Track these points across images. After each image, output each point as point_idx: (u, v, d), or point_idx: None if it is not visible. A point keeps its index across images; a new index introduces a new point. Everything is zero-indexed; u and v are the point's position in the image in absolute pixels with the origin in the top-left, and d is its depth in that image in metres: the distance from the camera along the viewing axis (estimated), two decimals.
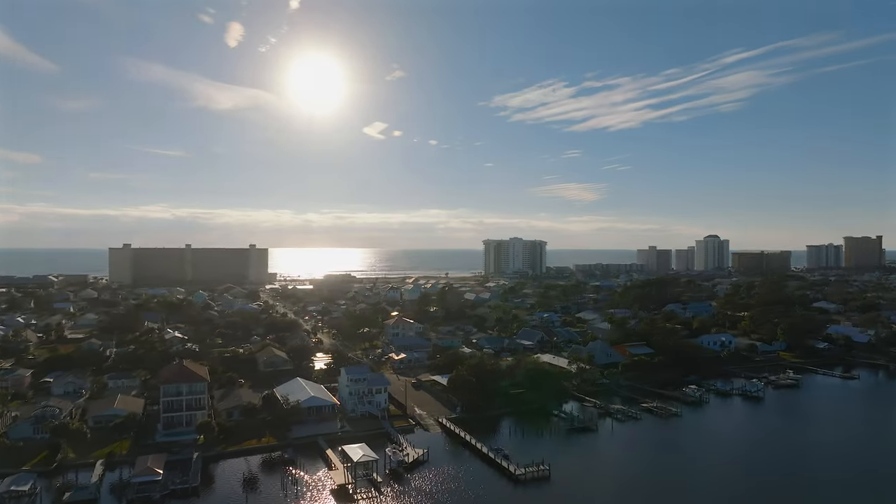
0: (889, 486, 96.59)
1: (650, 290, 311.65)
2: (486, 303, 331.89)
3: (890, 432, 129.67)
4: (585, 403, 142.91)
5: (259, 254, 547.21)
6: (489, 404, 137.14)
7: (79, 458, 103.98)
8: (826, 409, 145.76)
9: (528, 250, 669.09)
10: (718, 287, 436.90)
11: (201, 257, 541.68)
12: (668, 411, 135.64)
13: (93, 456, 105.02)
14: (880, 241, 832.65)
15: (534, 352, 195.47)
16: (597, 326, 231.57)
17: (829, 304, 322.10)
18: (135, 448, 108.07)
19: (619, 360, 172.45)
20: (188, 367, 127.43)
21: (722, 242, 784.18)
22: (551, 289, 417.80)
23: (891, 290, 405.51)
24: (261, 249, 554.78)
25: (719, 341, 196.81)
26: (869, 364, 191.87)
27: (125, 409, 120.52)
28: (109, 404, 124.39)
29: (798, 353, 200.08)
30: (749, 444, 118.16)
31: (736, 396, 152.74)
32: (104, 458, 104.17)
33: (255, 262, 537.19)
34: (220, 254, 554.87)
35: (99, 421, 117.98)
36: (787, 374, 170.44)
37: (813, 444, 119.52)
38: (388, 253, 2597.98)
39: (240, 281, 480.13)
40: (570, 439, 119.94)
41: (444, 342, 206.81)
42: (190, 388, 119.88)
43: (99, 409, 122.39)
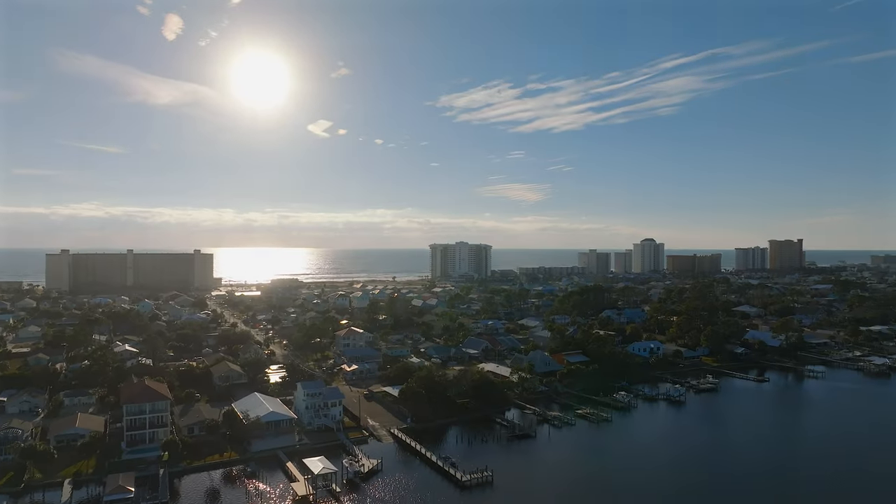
0: (796, 485, 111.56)
1: (588, 297, 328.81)
2: (433, 309, 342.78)
3: (794, 434, 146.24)
4: (526, 411, 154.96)
5: (204, 259, 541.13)
6: (437, 414, 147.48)
7: (45, 479, 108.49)
8: (739, 412, 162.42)
9: (474, 254, 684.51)
10: (653, 291, 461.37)
11: (143, 263, 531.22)
12: (601, 417, 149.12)
13: (59, 476, 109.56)
14: (801, 245, 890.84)
15: (479, 360, 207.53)
16: (538, 334, 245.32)
17: (751, 308, 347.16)
18: (101, 467, 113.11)
19: (558, 369, 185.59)
20: (151, 385, 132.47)
21: (657, 246, 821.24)
22: (496, 293, 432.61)
23: (804, 294, 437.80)
24: (206, 254, 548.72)
25: (648, 348, 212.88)
26: (780, 367, 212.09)
27: (87, 428, 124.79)
28: (71, 423, 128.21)
29: (718, 357, 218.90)
30: (671, 447, 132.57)
31: (661, 401, 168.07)
32: (71, 477, 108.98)
33: (199, 268, 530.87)
34: (163, 259, 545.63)
35: (61, 440, 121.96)
36: (707, 379, 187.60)
37: (727, 445, 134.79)
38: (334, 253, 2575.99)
39: (184, 287, 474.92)
40: (512, 446, 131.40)
41: (393, 352, 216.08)
42: (153, 406, 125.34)
43: (60, 429, 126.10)
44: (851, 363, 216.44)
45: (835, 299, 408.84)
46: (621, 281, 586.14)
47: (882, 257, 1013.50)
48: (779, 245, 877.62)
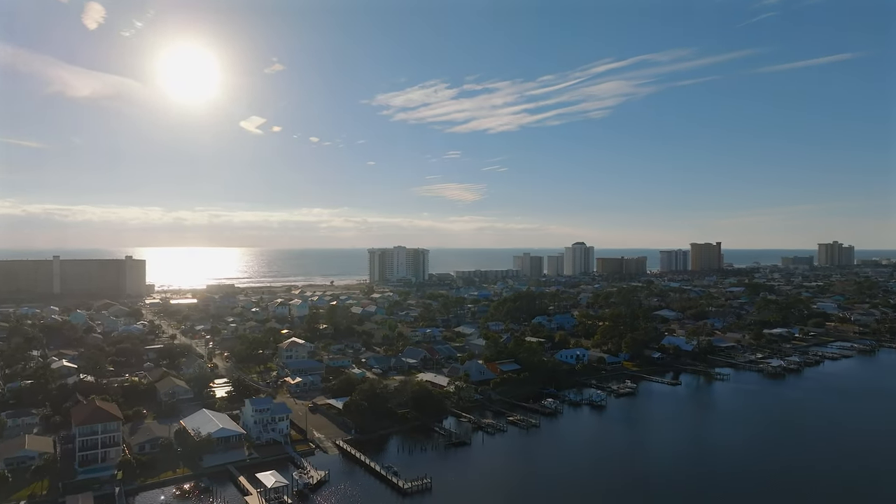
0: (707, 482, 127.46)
1: (521, 304, 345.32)
2: (373, 317, 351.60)
3: (701, 434, 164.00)
4: (462, 419, 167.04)
5: (136, 265, 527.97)
6: (380, 424, 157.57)
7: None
8: (654, 414, 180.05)
9: (412, 258, 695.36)
10: (582, 295, 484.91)
11: (71, 269, 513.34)
12: (530, 423, 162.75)
13: (13, 498, 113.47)
14: (719, 247, 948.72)
15: (418, 370, 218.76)
16: (474, 342, 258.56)
17: (671, 312, 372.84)
18: (55, 488, 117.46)
19: (492, 378, 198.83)
20: (102, 406, 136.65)
21: (588, 249, 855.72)
22: (434, 298, 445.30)
23: (718, 297, 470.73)
24: (138, 260, 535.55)
25: (575, 355, 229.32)
26: (692, 370, 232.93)
27: (37, 450, 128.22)
28: (19, 445, 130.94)
29: (638, 362, 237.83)
30: (592, 450, 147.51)
31: (585, 406, 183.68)
32: (25, 499, 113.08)
33: (131, 275, 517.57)
34: (92, 265, 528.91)
35: (11, 463, 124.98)
36: (626, 384, 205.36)
37: (643, 446, 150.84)
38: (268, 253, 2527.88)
39: (115, 295, 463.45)
40: (449, 453, 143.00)
41: (335, 362, 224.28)
42: (105, 427, 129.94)
43: (10, 451, 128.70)
44: (753, 365, 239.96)
45: (745, 302, 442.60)
46: (553, 284, 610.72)
47: (791, 258, 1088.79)
48: (699, 248, 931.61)
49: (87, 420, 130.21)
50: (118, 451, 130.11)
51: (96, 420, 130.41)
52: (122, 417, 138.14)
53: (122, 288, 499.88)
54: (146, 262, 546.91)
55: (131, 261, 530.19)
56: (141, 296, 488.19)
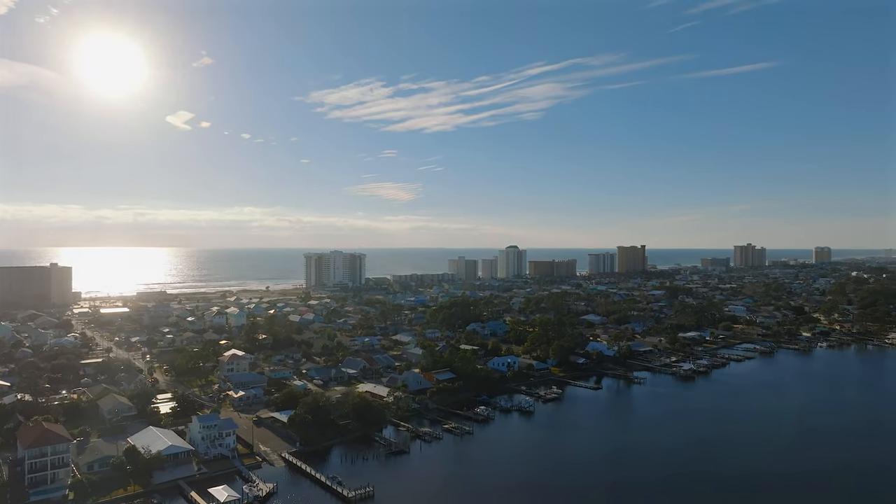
0: (622, 483, 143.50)
1: (455, 311, 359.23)
2: (311, 325, 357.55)
3: (617, 437, 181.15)
4: (400, 428, 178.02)
5: (62, 273, 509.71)
6: (323, 436, 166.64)
7: None
8: (576, 418, 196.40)
9: (349, 263, 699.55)
10: (514, 300, 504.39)
11: None
12: (464, 430, 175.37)
13: None
14: (644, 250, 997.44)
15: (358, 380, 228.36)
16: (411, 351, 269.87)
17: (596, 317, 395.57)
18: None
19: (429, 387, 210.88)
20: (50, 428, 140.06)
21: (520, 252, 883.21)
22: (372, 305, 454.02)
23: (640, 300, 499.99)
24: (64, 267, 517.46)
25: (506, 363, 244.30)
26: (613, 375, 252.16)
27: None
28: None
29: (564, 368, 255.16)
30: (521, 455, 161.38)
31: (514, 412, 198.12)
32: None
33: (57, 282, 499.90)
34: (14, 273, 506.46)
35: None
36: (552, 390, 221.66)
37: (566, 449, 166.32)
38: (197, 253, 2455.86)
39: (40, 304, 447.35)
40: (389, 462, 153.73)
41: (276, 374, 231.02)
42: (54, 448, 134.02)
43: None
44: (668, 368, 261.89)
45: (665, 305, 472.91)
46: (487, 288, 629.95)
47: (710, 260, 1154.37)
48: (626, 251, 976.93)
49: (37, 443, 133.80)
50: (67, 471, 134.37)
51: (46, 442, 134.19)
52: (71, 438, 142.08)
53: (47, 297, 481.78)
54: (72, 270, 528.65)
55: (57, 268, 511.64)
56: (68, 305, 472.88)
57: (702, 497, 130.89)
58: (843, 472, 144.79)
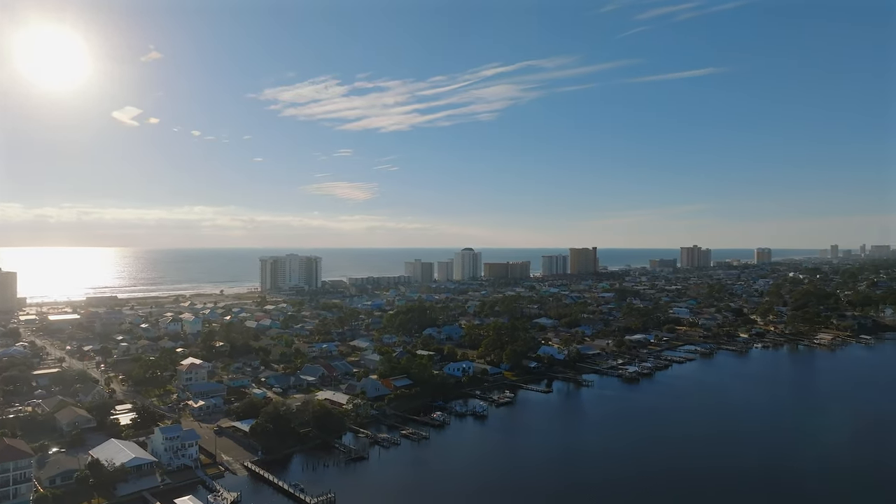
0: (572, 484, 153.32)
1: (412, 316, 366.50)
2: (268, 331, 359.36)
3: (567, 440, 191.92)
4: (359, 434, 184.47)
5: (6, 278, 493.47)
6: (284, 444, 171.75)
7: None
8: (528, 422, 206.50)
9: (304, 266, 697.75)
10: (470, 303, 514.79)
11: None
12: (421, 435, 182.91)
13: None
14: (595, 252, 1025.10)
15: (317, 387, 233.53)
16: (369, 358, 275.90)
17: (549, 320, 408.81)
18: None
19: (387, 393, 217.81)
20: (11, 444, 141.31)
21: (476, 254, 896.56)
22: (328, 309, 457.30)
23: (591, 303, 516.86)
24: (7, 272, 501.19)
25: (461, 368, 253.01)
26: (563, 378, 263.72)
27: None
28: None
29: (517, 372, 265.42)
30: (475, 459, 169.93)
31: (469, 416, 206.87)
32: None
33: (1, 288, 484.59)
34: None
35: None
36: (505, 394, 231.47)
37: (519, 452, 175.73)
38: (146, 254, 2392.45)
39: None
40: (349, 468, 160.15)
41: (235, 382, 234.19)
42: (16, 464, 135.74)
43: None
44: (614, 371, 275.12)
45: (614, 307, 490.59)
46: (443, 291, 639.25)
47: (658, 261, 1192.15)
48: (578, 252, 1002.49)
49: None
50: (29, 486, 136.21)
51: (8, 458, 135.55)
52: (33, 453, 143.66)
53: None
54: (17, 275, 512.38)
55: (0, 273, 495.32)
56: (12, 312, 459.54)
57: (650, 495, 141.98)
58: (771, 467, 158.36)
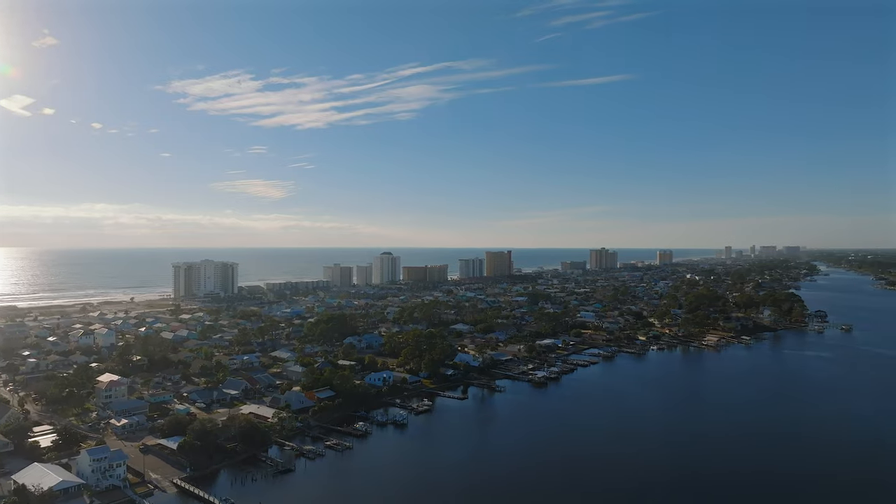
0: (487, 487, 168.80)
1: (333, 325, 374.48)
2: (185, 342, 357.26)
3: (481, 443, 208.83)
4: (285, 447, 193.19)
5: None
6: (212, 460, 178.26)
7: None
8: (445, 428, 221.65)
9: (220, 272, 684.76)
10: (389, 308, 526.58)
11: None
12: (344, 446, 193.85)
13: None
14: (510, 255, 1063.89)
15: (240, 401, 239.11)
16: (291, 369, 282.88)
17: (465, 325, 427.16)
18: None
19: (311, 405, 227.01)
20: None
21: (395, 258, 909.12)
22: (247, 317, 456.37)
23: (504, 307, 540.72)
24: None
25: (382, 377, 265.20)
26: (478, 384, 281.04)
27: None
28: None
29: (434, 380, 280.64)
30: (397, 466, 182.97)
31: (390, 425, 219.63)
32: None
33: None
34: None
35: None
36: (424, 402, 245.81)
37: (436, 460, 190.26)
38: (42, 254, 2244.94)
39: None
40: (277, 481, 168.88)
41: (157, 398, 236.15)
42: None
43: None
44: (525, 376, 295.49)
45: (526, 311, 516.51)
46: (363, 297, 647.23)
47: (569, 263, 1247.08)
48: (493, 256, 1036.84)
49: None
50: None
51: None
52: None
53: None
54: None
55: None
56: None
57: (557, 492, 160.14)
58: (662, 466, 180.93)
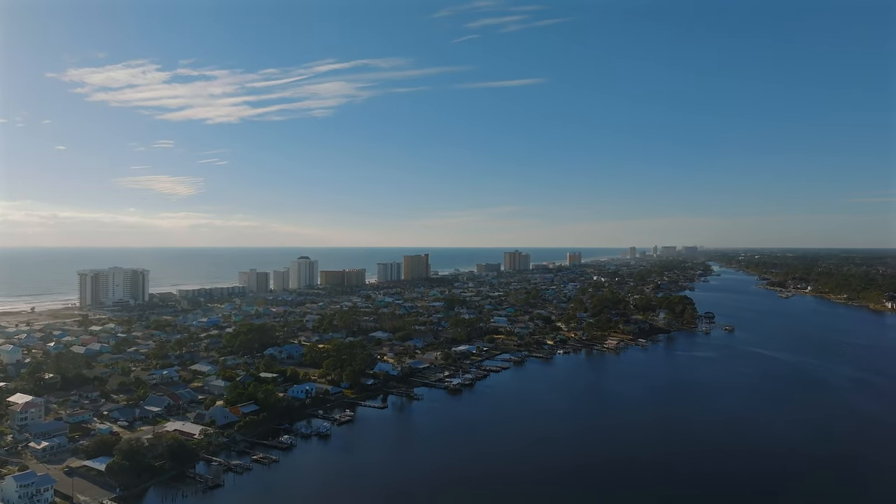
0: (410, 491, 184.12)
1: (253, 336, 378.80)
2: (99, 357, 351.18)
3: (400, 451, 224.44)
4: (212, 463, 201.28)
5: None
6: (140, 479, 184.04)
7: None
8: (367, 438, 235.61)
9: (130, 280, 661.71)
10: (308, 317, 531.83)
11: None
12: (270, 459, 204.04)
13: None
14: (427, 259, 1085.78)
15: (164, 418, 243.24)
16: (213, 384, 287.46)
17: (384, 333, 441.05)
18: None
19: (236, 420, 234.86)
20: None
21: (312, 263, 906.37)
22: (161, 328, 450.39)
23: (422, 313, 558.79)
24: None
25: (304, 390, 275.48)
26: (397, 393, 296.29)
27: None
28: None
29: (356, 390, 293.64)
30: (321, 477, 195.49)
31: (314, 437, 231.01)
32: None
33: None
34: None
35: None
36: (346, 412, 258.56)
37: (358, 470, 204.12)
38: None
39: None
40: (206, 497, 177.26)
41: (76, 418, 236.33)
42: None
43: None
44: (441, 383, 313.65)
45: (442, 317, 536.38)
46: (281, 303, 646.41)
47: (484, 265, 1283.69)
48: (410, 259, 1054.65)
49: None
50: None
51: None
52: None
53: None
54: None
55: None
56: None
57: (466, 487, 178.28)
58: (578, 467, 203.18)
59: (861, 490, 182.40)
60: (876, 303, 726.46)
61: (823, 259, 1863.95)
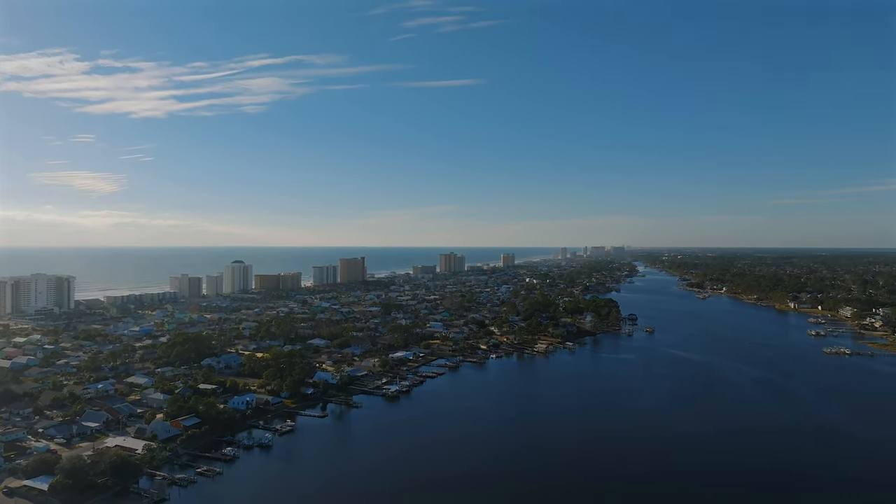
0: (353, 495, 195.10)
1: (189, 346, 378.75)
2: (27, 370, 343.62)
3: (341, 465, 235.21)
4: (156, 477, 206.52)
5: None
6: (84, 497, 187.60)
7: None
8: (308, 446, 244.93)
9: (55, 286, 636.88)
10: (245, 324, 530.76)
11: None
12: (214, 471, 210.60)
13: None
14: (363, 262, 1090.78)
15: (102, 433, 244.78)
16: (152, 397, 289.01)
17: (322, 340, 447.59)
18: None
19: (178, 434, 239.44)
20: None
21: (247, 267, 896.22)
22: (91, 338, 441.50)
23: (359, 318, 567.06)
24: None
25: (245, 401, 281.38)
26: (337, 401, 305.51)
27: None
28: None
29: (295, 399, 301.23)
30: (265, 488, 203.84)
31: (256, 448, 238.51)
32: None
33: None
34: None
35: None
36: (287, 422, 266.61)
37: (302, 480, 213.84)
38: None
39: None
40: None
41: (9, 436, 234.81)
42: None
43: None
44: (379, 390, 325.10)
45: (379, 322, 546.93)
46: (215, 310, 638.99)
47: (420, 268, 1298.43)
48: (347, 263, 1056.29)
49: None
50: None
51: None
52: None
53: None
54: None
55: None
56: None
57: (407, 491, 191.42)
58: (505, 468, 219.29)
59: (749, 473, 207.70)
60: (781, 303, 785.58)
61: (739, 259, 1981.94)
